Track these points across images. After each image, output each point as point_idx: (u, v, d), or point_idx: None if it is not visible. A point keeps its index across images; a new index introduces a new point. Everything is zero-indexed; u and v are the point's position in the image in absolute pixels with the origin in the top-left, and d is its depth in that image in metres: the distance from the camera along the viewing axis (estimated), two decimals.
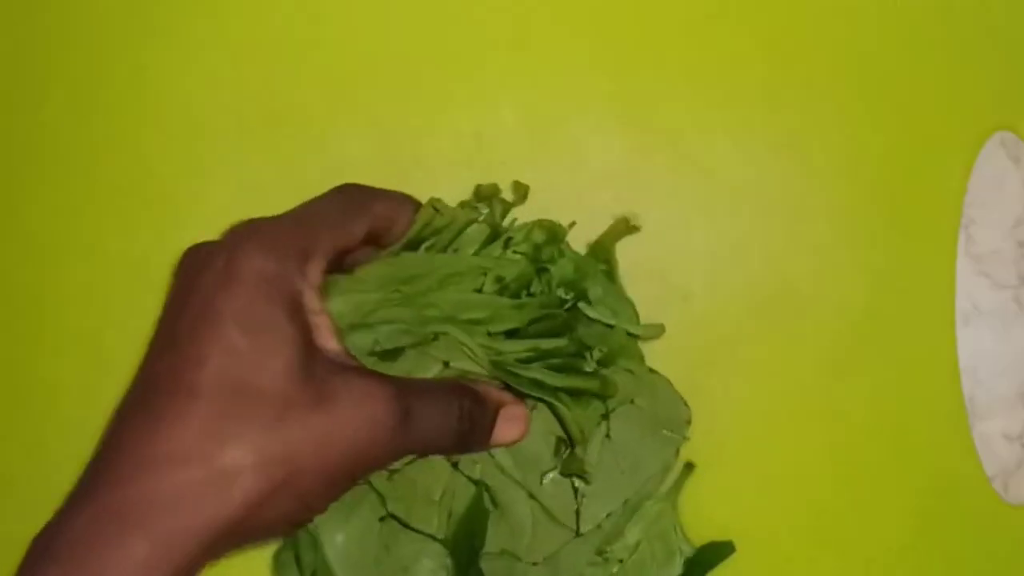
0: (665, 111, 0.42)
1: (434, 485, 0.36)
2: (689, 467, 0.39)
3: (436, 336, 0.35)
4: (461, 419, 0.33)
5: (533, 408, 0.36)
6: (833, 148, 0.42)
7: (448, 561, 0.36)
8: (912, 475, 0.41)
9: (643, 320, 0.40)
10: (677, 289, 0.41)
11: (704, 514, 0.40)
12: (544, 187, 0.41)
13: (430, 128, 0.42)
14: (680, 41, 0.42)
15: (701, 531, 0.40)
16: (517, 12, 0.42)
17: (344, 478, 0.30)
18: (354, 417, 0.30)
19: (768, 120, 0.42)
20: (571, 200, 0.41)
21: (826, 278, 0.42)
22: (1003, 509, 0.41)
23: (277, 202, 0.40)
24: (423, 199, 0.39)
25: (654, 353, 0.40)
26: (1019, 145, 0.42)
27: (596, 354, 0.37)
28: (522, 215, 0.40)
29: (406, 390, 0.31)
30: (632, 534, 0.38)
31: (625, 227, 0.40)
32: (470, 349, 0.35)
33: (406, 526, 0.36)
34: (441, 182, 0.41)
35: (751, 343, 0.41)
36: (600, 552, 0.38)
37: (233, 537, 0.29)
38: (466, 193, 0.41)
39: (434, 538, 0.36)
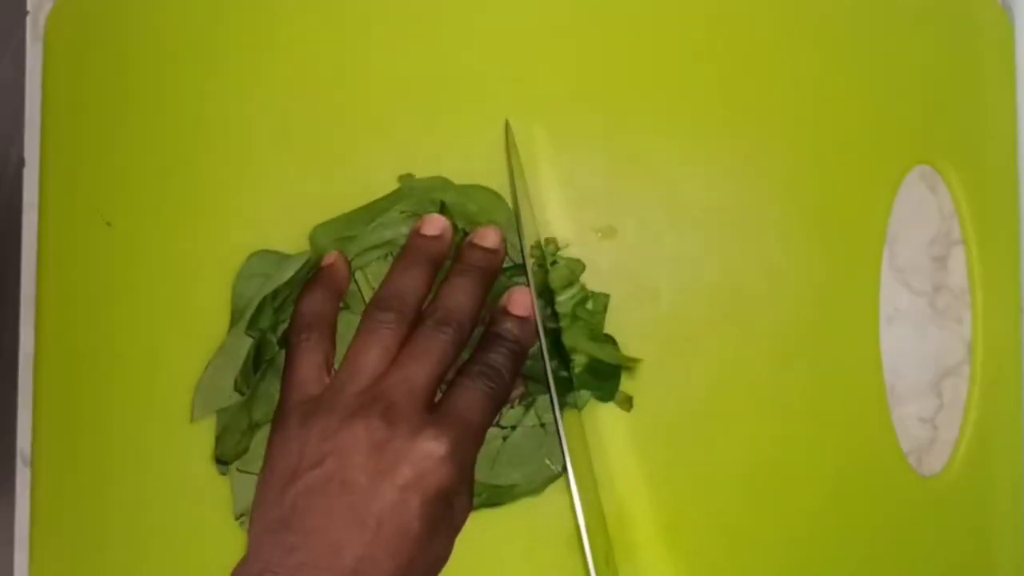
0: (641, 144, 0.43)
1: None
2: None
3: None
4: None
5: None
6: (780, 176, 0.43)
7: None
8: (841, 450, 0.42)
9: (616, 316, 0.42)
10: (648, 290, 0.43)
11: (669, 472, 0.42)
12: (542, 203, 0.43)
13: (446, 154, 0.43)
14: (654, 88, 0.43)
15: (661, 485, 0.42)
16: (523, 66, 0.43)
17: None
18: None
19: (726, 153, 0.43)
20: (563, 214, 0.43)
21: (773, 284, 0.43)
22: (917, 479, 0.43)
23: (314, 205, 0.43)
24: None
25: (629, 341, 0.42)
26: (935, 177, 0.44)
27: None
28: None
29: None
30: None
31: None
32: None
33: None
34: None
35: (709, 336, 0.43)
36: None
37: None
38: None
39: None
